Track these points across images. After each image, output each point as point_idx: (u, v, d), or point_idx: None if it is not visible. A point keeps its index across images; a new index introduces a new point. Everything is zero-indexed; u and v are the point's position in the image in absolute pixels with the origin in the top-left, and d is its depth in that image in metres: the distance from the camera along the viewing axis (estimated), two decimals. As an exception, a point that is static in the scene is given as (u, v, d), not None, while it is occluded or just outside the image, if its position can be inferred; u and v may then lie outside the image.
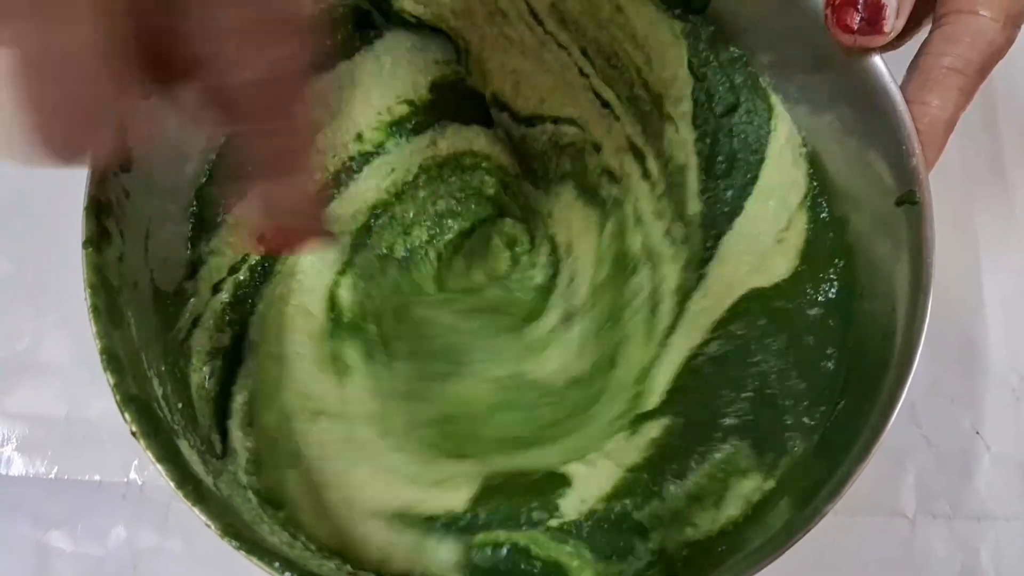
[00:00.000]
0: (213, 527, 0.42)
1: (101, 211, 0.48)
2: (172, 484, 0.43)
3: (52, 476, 0.62)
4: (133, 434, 0.44)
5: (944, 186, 0.68)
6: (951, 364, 0.64)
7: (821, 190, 0.55)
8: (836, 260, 0.55)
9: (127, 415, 0.44)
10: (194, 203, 0.58)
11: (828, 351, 0.53)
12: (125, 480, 0.62)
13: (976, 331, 0.65)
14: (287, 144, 0.33)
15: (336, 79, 0.62)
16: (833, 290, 0.55)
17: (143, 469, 0.62)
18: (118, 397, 0.44)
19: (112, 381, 0.44)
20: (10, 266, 0.66)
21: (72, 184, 0.63)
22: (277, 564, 0.41)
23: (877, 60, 0.50)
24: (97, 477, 0.62)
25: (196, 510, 0.42)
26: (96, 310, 0.46)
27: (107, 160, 0.46)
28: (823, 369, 0.53)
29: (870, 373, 0.49)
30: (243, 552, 0.42)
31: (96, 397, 0.63)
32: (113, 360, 0.45)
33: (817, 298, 0.55)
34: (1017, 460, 0.63)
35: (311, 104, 0.34)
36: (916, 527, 0.61)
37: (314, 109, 0.34)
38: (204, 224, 0.58)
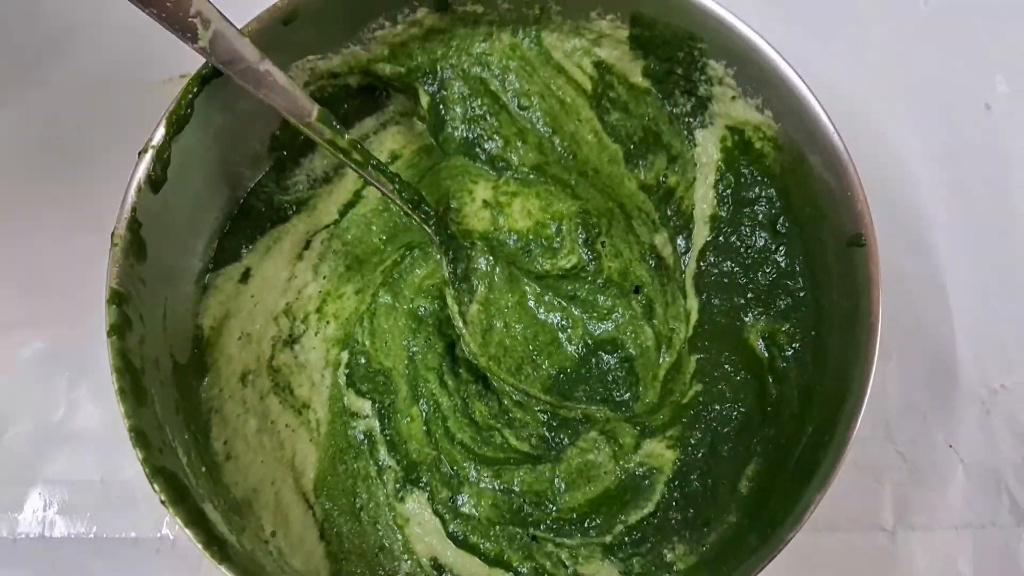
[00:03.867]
0: (238, 583, 0.47)
1: (121, 301, 0.53)
2: (200, 546, 0.48)
3: (92, 536, 0.67)
4: (163, 502, 0.49)
5: (904, 217, 0.72)
6: (923, 383, 0.68)
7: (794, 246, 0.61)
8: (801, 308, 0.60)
9: (156, 486, 0.49)
10: (205, 280, 0.63)
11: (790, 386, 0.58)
12: (158, 535, 0.67)
13: (946, 350, 0.69)
14: None
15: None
16: (798, 335, 0.60)
17: (174, 525, 0.66)
18: (147, 470, 0.49)
19: (141, 456, 0.49)
20: (44, 344, 0.72)
21: (96, 267, 0.69)
22: (298, 614, 0.46)
23: (823, 116, 0.55)
24: (133, 534, 0.67)
25: (223, 568, 0.47)
26: (123, 392, 0.51)
27: None
28: (786, 397, 0.58)
29: (830, 405, 0.53)
30: (267, 604, 0.46)
31: (128, 461, 0.67)
32: (141, 437, 0.50)
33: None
34: (989, 469, 0.66)
35: None
36: (896, 539, 0.64)
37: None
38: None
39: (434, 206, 0.63)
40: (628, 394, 0.62)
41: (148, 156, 0.55)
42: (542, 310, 0.64)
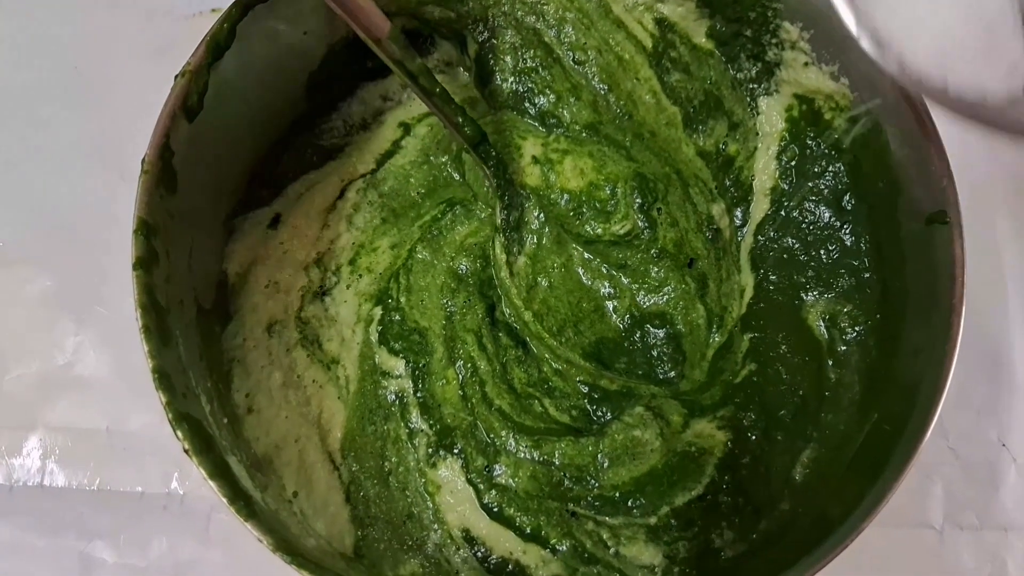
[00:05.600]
0: (265, 542, 0.43)
1: (149, 232, 0.49)
2: (225, 500, 0.44)
3: (95, 488, 0.63)
4: (186, 451, 0.45)
5: (967, 204, 0.69)
6: (977, 376, 0.65)
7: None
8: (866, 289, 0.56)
9: (180, 433, 0.45)
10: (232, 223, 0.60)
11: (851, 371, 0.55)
12: (166, 491, 0.63)
13: (1002, 344, 0.66)
14: None
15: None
16: (861, 318, 0.56)
17: (184, 480, 0.63)
18: (171, 415, 0.45)
19: (164, 399, 0.46)
20: (51, 282, 0.68)
21: (112, 203, 0.65)
22: (328, 579, 0.42)
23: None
24: (139, 488, 0.63)
25: (248, 525, 0.44)
26: (147, 330, 0.47)
27: None
28: (846, 382, 0.55)
29: (899, 394, 0.50)
30: (295, 566, 0.43)
31: (136, 410, 0.64)
32: (164, 379, 0.46)
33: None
34: (1043, 471, 0.64)
35: None
36: (944, 538, 0.62)
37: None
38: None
39: (505, 144, 0.60)
40: (673, 372, 0.59)
41: (185, 81, 0.51)
42: (588, 276, 0.60)
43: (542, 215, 0.60)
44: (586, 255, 0.60)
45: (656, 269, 0.60)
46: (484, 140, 0.58)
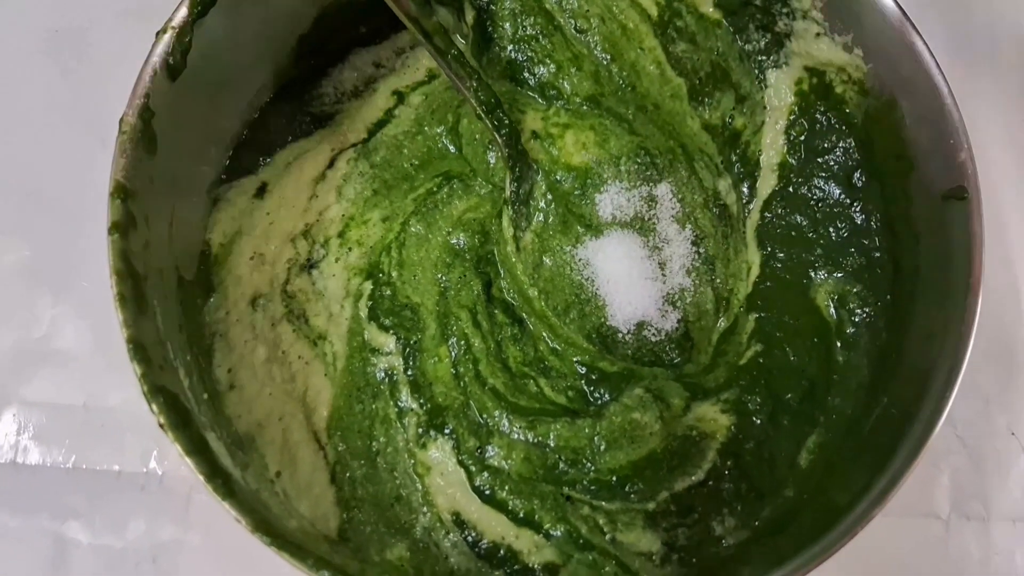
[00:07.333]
0: (244, 522, 0.41)
1: (127, 196, 0.47)
2: (202, 478, 0.42)
3: (70, 466, 0.61)
4: (161, 426, 0.42)
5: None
6: (986, 365, 0.63)
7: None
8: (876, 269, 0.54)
9: (155, 406, 0.43)
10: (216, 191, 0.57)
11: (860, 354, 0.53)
12: (144, 470, 0.60)
13: (1012, 331, 0.64)
14: None
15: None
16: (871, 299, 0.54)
17: (163, 459, 0.60)
18: (145, 388, 0.43)
19: (139, 371, 0.43)
20: (28, 252, 0.65)
21: (92, 170, 0.62)
22: (311, 561, 0.40)
23: (926, 55, 0.49)
24: (116, 467, 0.61)
25: (226, 505, 0.41)
26: (122, 298, 0.44)
27: None
28: (854, 365, 0.53)
29: (911, 378, 0.48)
30: (275, 548, 0.41)
31: (115, 386, 0.62)
32: (139, 350, 0.44)
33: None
34: (1053, 462, 0.62)
35: None
36: (950, 528, 0.60)
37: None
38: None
39: (511, 116, 0.57)
40: (679, 359, 0.57)
41: (167, 37, 0.49)
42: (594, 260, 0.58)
43: (549, 195, 0.57)
44: (591, 237, 0.58)
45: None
46: (498, 106, 0.56)
